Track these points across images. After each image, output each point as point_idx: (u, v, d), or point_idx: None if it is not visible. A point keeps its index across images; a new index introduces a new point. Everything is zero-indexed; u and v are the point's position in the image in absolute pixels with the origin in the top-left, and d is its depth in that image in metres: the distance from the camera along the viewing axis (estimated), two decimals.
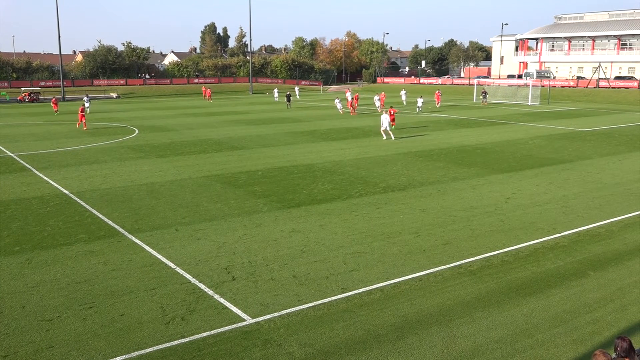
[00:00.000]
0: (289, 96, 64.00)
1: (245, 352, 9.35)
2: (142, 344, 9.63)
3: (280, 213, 17.99)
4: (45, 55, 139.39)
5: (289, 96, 63.94)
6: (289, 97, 63.76)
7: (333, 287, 11.98)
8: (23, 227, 16.55)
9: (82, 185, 22.31)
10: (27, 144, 34.19)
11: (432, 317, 10.57)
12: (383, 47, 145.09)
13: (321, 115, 51.74)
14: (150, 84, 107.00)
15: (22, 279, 12.57)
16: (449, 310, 10.85)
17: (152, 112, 58.82)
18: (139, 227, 16.42)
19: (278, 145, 33.28)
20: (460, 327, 10.19)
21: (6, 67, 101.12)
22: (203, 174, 24.48)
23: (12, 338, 9.87)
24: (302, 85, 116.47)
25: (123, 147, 33.13)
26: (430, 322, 10.36)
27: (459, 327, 10.17)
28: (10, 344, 9.65)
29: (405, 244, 14.80)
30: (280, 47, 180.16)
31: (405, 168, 25.50)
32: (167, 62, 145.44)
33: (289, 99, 63.35)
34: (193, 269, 13.10)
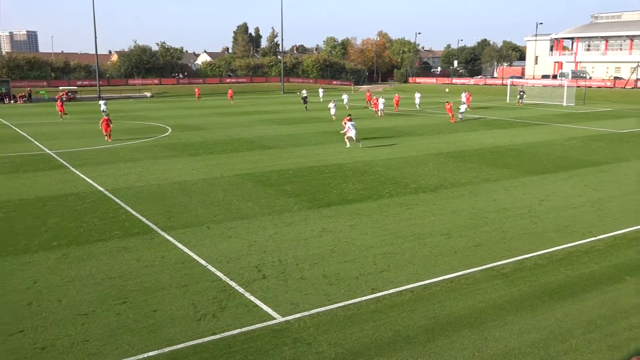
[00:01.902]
0: (305, 98, 61.79)
1: (275, 350, 9.41)
2: (173, 340, 9.77)
3: (310, 212, 18.03)
4: (82, 55, 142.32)
5: (305, 98, 61.78)
6: (305, 99, 61.57)
7: (363, 288, 11.96)
8: (60, 223, 16.95)
9: (117, 182, 22.73)
10: (64, 142, 34.98)
11: (463, 320, 10.47)
12: (415, 46, 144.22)
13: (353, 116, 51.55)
14: (183, 84, 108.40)
15: (59, 273, 12.88)
16: (480, 313, 10.74)
17: (185, 111, 59.57)
18: (172, 225, 16.65)
19: (309, 144, 33.35)
20: (492, 330, 10.08)
21: (45, 66, 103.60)
22: (234, 172, 24.69)
23: (50, 331, 10.12)
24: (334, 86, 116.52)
25: (157, 145, 33.63)
26: (461, 325, 10.27)
27: (491, 331, 10.06)
28: (48, 337, 9.90)
29: (436, 245, 14.69)
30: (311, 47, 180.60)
31: (436, 169, 25.30)
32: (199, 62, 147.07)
33: (305, 101, 61.13)
34: (224, 266, 13.23)
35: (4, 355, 9.27)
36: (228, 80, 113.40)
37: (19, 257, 13.95)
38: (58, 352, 9.37)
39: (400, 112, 53.80)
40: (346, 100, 60.61)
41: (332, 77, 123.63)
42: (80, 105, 69.37)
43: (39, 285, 12.21)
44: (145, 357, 9.22)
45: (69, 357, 9.21)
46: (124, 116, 54.33)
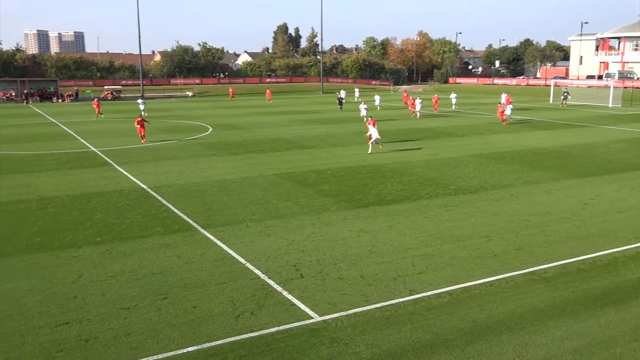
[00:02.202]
0: (341, 100, 60.06)
1: (312, 350, 9.45)
2: (212, 336, 9.91)
3: (348, 213, 18.03)
4: (126, 56, 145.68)
5: (340, 100, 60.06)
6: (340, 100, 59.83)
7: (401, 289, 11.90)
8: (104, 219, 17.38)
9: (158, 180, 23.17)
10: (108, 140, 35.85)
11: (503, 324, 10.31)
12: (455, 46, 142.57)
13: (391, 116, 51.38)
14: (224, 83, 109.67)
15: (103, 268, 13.21)
16: (520, 318, 10.56)
17: (225, 111, 60.29)
18: (212, 222, 16.89)
19: (347, 144, 33.33)
20: (533, 335, 9.89)
21: (91, 66, 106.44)
22: (273, 172, 24.87)
23: (94, 324, 10.40)
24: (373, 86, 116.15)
25: (197, 144, 34.15)
26: (501, 329, 10.12)
27: (531, 336, 9.87)
28: (92, 329, 10.17)
29: (475, 248, 14.50)
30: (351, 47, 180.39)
31: (477, 170, 24.96)
32: (240, 61, 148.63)
33: (340, 102, 59.40)
34: (262, 265, 13.35)
35: (51, 346, 9.57)
36: (268, 80, 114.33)
37: (65, 251, 14.37)
38: (101, 345, 9.62)
39: (439, 114, 53.18)
40: (378, 102, 59.07)
41: (371, 77, 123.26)
42: (124, 105, 70.95)
43: (83, 279, 12.56)
44: (185, 352, 9.39)
45: (112, 350, 9.44)
46: (166, 115, 55.35)
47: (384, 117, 50.52)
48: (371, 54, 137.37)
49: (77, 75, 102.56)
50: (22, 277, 12.68)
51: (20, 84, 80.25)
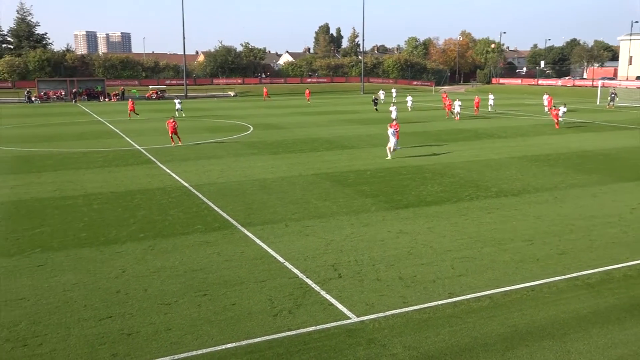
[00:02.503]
0: (376, 100, 58.58)
1: (349, 350, 9.44)
2: (251, 334, 10.02)
3: (388, 213, 17.95)
4: (171, 56, 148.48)
5: (375, 100, 58.57)
6: (375, 101, 58.35)
7: (440, 291, 11.79)
8: (147, 216, 17.76)
9: (200, 178, 23.54)
10: (152, 138, 36.60)
11: (545, 330, 10.10)
12: (499, 46, 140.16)
13: (432, 117, 50.90)
14: (265, 83, 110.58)
15: (145, 264, 13.51)
16: (563, 324, 10.32)
17: (266, 110, 60.79)
18: (251, 221, 17.06)
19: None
20: (575, 342, 9.66)
21: (137, 66, 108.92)
22: (313, 171, 24.95)
23: (136, 318, 10.64)
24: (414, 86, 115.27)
25: (238, 143, 34.54)
26: (542, 335, 9.91)
27: (574, 343, 9.64)
28: (134, 323, 10.41)
29: (517, 252, 14.24)
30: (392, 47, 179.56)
31: (519, 172, 24.50)
32: (282, 62, 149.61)
33: (375, 103, 57.98)
34: (301, 264, 13.42)
35: (95, 339, 9.84)
36: (309, 80, 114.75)
37: (109, 247, 14.75)
38: (142, 339, 9.83)
39: (480, 116, 52.33)
40: (410, 103, 58.05)
41: (412, 77, 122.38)
42: (168, 104, 72.28)
43: (127, 274, 12.86)
44: (224, 349, 9.51)
45: (153, 345, 9.64)
46: (209, 115, 56.18)
47: (424, 118, 50.11)
48: (413, 54, 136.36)
49: (123, 75, 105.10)
50: (68, 271, 13.07)
51: (70, 84, 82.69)
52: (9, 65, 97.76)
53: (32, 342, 9.72)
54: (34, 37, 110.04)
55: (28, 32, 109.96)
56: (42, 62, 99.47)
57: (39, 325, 10.36)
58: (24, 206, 19.10)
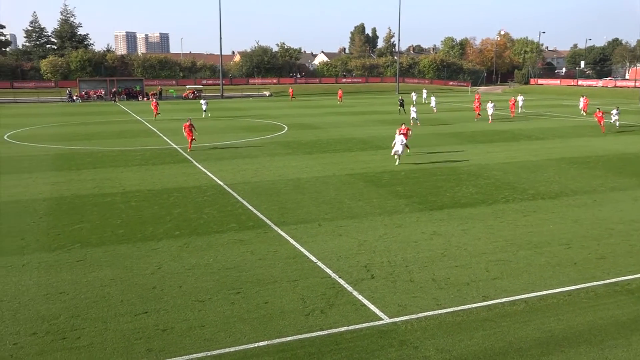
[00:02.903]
0: (402, 102, 55.11)
1: (381, 351, 9.42)
2: (283, 332, 10.07)
3: (421, 215, 17.83)
4: (207, 56, 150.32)
5: (402, 102, 55.18)
6: (402, 102, 55.01)
7: (474, 294, 11.65)
8: (183, 214, 18.03)
9: (235, 177, 23.77)
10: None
11: (582, 336, 9.88)
12: (538, 46, 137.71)
13: (467, 117, 50.28)
14: (300, 83, 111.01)
15: (180, 261, 13.72)
16: (601, 330, 10.08)
17: (301, 110, 60.99)
18: (285, 220, 17.15)
19: (422, 146, 32.90)
20: (614, 349, 9.43)
21: (174, 66, 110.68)
22: (347, 172, 24.94)
23: (170, 314, 10.82)
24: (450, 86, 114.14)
25: (273, 143, 34.75)
26: (579, 341, 9.70)
27: (612, 350, 9.41)
28: (169, 319, 10.59)
29: (554, 255, 13.97)
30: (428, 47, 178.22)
31: (557, 175, 24.03)
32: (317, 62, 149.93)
33: (402, 104, 54.54)
34: (334, 264, 13.43)
35: (131, 333, 10.05)
36: (344, 80, 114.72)
37: (146, 244, 15.03)
38: (177, 335, 9.99)
39: (516, 117, 51.41)
40: (434, 104, 56.87)
41: (448, 77, 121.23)
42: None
43: (162, 270, 13.08)
44: (256, 346, 9.59)
45: (187, 341, 9.79)
46: (245, 114, 56.68)
47: (458, 119, 49.54)
48: (449, 54, 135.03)
49: (161, 75, 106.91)
50: (106, 266, 13.37)
51: (109, 83, 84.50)
52: (52, 65, 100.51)
53: (71, 335, 9.98)
54: (76, 38, 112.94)
55: (71, 33, 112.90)
56: (84, 62, 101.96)
57: (77, 319, 10.63)
58: (65, 202, 19.60)
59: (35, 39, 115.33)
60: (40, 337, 9.92)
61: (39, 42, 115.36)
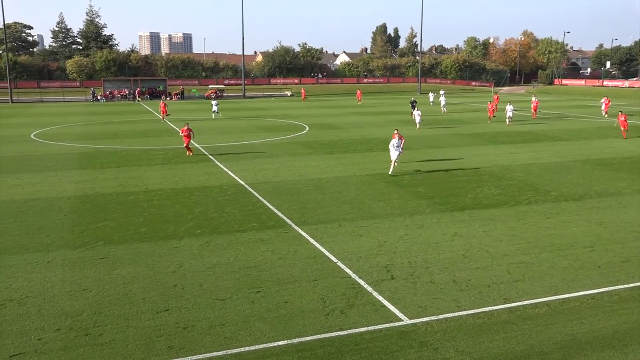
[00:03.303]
0: (414, 103, 52.09)
1: (400, 352, 9.39)
2: (302, 332, 10.10)
3: (442, 215, 17.72)
4: (230, 56, 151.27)
5: (413, 103, 52.25)
6: (413, 104, 51.95)
7: (495, 296, 11.55)
8: (204, 213, 18.16)
9: (256, 177, 23.88)
10: (210, 137, 37.38)
11: (605, 340, 9.74)
12: (562, 46, 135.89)
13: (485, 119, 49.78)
14: (321, 83, 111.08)
15: (201, 259, 13.82)
16: (625, 335, 9.92)
17: (322, 110, 61.01)
18: (305, 220, 17.18)
19: (444, 146, 32.74)
20: (638, 354, 9.28)
21: (197, 66, 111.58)
22: (367, 172, 24.89)
23: (191, 312, 10.91)
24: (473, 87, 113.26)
25: (294, 142, 34.83)
26: (602, 345, 9.57)
27: (636, 354, 9.26)
28: (189, 317, 10.68)
29: (577, 258, 13.79)
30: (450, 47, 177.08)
31: (581, 177, 23.70)
32: (338, 62, 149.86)
33: (413, 106, 50.94)
34: (354, 264, 13.42)
35: (152, 331, 10.16)
36: (365, 80, 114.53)
37: (168, 242, 15.17)
38: (197, 333, 10.07)
39: (539, 118, 50.76)
40: (443, 103, 56.06)
41: (471, 78, 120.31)
42: (226, 103, 73.60)
43: (183, 269, 13.20)
44: (275, 345, 9.63)
45: (207, 339, 9.86)
46: (266, 114, 56.90)
47: (481, 119, 49.09)
48: (472, 54, 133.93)
49: (184, 75, 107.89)
50: (128, 264, 13.53)
51: (133, 83, 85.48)
52: (78, 65, 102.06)
53: (94, 332, 10.12)
54: (101, 38, 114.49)
55: (96, 34, 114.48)
56: (108, 62, 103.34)
57: (100, 315, 10.78)
58: (89, 201, 19.88)
59: (62, 39, 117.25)
60: (64, 333, 10.09)
61: (65, 42, 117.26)
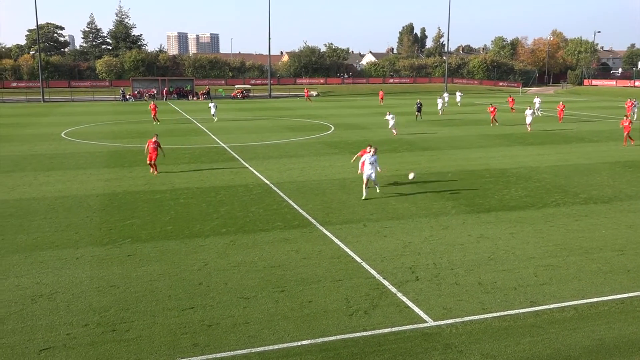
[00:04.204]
0: (420, 106, 49.48)
1: (424, 354, 9.33)
2: (326, 332, 10.10)
3: (468, 217, 17.57)
4: (256, 56, 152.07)
5: (419, 106, 49.50)
6: (419, 107, 49.39)
7: (521, 299, 11.41)
8: (230, 212, 18.30)
9: (281, 176, 23.97)
10: (237, 137, 37.65)
11: (635, 346, 9.55)
12: (593, 46, 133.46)
13: (518, 119, 49.19)
14: (347, 83, 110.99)
15: (227, 258, 13.93)
16: None
17: (348, 110, 60.95)
18: (330, 220, 17.19)
19: (470, 147, 32.45)
20: None
21: (224, 66, 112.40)
22: (392, 172, 24.78)
23: (216, 310, 11.00)
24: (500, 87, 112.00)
25: (319, 142, 34.87)
26: (631, 351, 9.38)
27: None
28: (214, 315, 10.77)
29: (606, 262, 13.54)
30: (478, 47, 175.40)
31: (611, 179, 23.26)
32: (364, 62, 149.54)
33: (419, 109, 49.10)
34: (378, 265, 13.38)
35: (177, 328, 10.27)
36: (391, 80, 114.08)
37: (193, 240, 15.32)
38: (222, 331, 10.15)
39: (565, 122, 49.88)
40: (440, 105, 54.33)
41: (498, 78, 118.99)
42: (252, 103, 74.07)
43: (209, 267, 13.32)
44: (299, 345, 9.65)
45: (231, 337, 9.93)
46: (291, 114, 57.06)
47: (513, 121, 48.50)
48: (499, 54, 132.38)
49: (211, 75, 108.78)
50: (155, 262, 13.70)
51: (161, 83, 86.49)
52: (107, 65, 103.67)
53: (120, 328, 10.27)
54: (130, 39, 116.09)
55: (125, 34, 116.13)
56: (137, 62, 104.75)
57: (127, 312, 10.93)
58: (117, 199, 20.18)
59: (92, 39, 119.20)
60: (91, 328, 10.26)
61: (95, 42, 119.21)
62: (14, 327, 10.31)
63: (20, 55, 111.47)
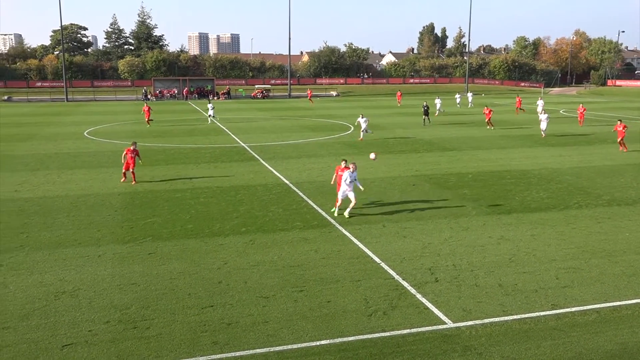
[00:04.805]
0: (427, 109, 45.63)
1: (443, 356, 9.29)
2: (345, 332, 10.11)
3: (489, 218, 17.43)
4: (276, 56, 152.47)
5: (426, 109, 45.63)
6: (426, 110, 45.59)
7: (542, 302, 11.30)
8: (249, 211, 18.38)
9: (300, 176, 24.02)
10: (257, 136, 37.80)
11: None
12: (617, 46, 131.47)
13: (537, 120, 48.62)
14: (367, 83, 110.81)
15: (246, 257, 14.00)
16: None
17: (367, 111, 60.77)
18: (349, 220, 17.17)
19: (491, 148, 32.19)
20: None
21: (244, 66, 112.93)
22: (412, 173, 24.70)
23: (235, 309, 11.06)
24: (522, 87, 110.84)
25: (339, 142, 34.86)
26: None
27: None
28: (234, 314, 10.84)
29: (629, 265, 13.35)
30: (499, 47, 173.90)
31: (635, 180, 22.91)
32: (384, 62, 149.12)
33: (426, 112, 45.45)
34: (397, 265, 13.34)
35: (197, 326, 10.35)
36: (411, 80, 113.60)
37: (213, 239, 15.43)
38: (241, 330, 10.21)
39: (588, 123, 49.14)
40: (439, 106, 53.06)
41: (520, 78, 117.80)
42: (272, 103, 74.28)
43: (228, 266, 13.40)
44: (318, 345, 9.67)
45: (250, 336, 9.98)
46: (311, 114, 57.11)
47: (535, 121, 47.98)
48: (521, 54, 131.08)
49: (231, 75, 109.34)
50: (175, 260, 13.82)
51: (182, 83, 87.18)
52: (129, 65, 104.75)
53: (141, 325, 10.39)
54: (152, 39, 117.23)
55: (147, 34, 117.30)
56: (159, 62, 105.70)
57: (147, 309, 11.05)
58: (138, 197, 20.40)
59: (114, 40, 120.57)
60: (112, 325, 10.39)
61: (117, 43, 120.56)
62: (38, 322, 10.49)
63: (45, 55, 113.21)
